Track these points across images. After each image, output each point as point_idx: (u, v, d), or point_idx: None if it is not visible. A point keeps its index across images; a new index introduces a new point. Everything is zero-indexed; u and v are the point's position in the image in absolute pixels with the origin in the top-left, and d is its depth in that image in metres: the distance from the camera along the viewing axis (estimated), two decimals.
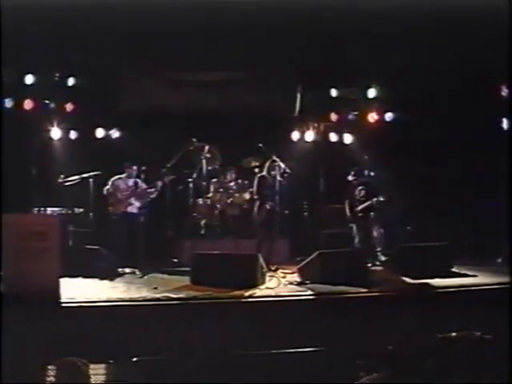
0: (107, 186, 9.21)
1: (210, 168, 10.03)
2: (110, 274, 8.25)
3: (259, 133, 9.97)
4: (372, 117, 11.26)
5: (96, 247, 8.53)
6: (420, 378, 3.92)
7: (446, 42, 8.32)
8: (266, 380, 4.87)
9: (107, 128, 10.77)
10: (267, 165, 9.23)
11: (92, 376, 4.69)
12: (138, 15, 7.18)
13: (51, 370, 4.73)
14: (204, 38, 8.36)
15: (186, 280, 7.95)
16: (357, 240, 9.80)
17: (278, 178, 9.02)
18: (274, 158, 9.14)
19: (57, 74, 10.18)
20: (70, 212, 9.55)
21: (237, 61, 9.70)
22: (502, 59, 7.69)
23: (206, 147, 9.91)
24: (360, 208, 9.91)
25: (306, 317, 6.73)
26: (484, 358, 3.92)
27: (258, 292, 7.41)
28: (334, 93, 11.15)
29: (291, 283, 8.02)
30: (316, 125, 11.33)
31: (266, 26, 7.82)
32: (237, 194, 10.03)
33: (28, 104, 10.11)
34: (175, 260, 9.57)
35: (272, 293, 7.46)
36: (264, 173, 9.31)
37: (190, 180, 10.06)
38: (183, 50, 8.94)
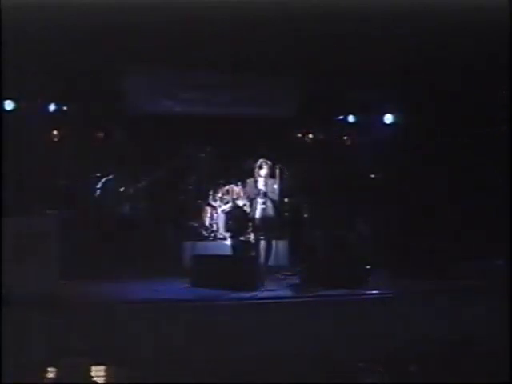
0: (99, 187, 9.23)
1: (210, 170, 10.03)
2: (110, 276, 8.25)
3: (260, 134, 9.97)
4: (372, 118, 11.26)
5: (96, 249, 8.53)
6: (419, 380, 3.93)
7: (445, 43, 8.31)
8: (265, 381, 4.88)
9: (107, 130, 10.77)
10: (258, 164, 9.21)
11: (93, 377, 4.72)
12: (139, 16, 7.17)
13: (56, 370, 4.75)
14: (205, 39, 8.35)
15: (185, 282, 7.95)
16: (356, 241, 9.77)
17: (278, 179, 9.01)
18: (273, 160, 9.13)
19: (57, 76, 10.17)
20: (69, 214, 9.54)
21: (238, 62, 9.68)
22: (502, 59, 7.69)
23: (207, 149, 9.92)
24: (359, 210, 9.90)
25: (305, 318, 6.73)
26: (483, 359, 3.93)
27: (257, 294, 7.41)
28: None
29: (291, 285, 8.01)
30: (317, 126, 11.33)
31: (266, 28, 7.82)
32: (237, 196, 10.03)
33: (28, 105, 10.10)
34: (175, 262, 9.55)
35: (272, 295, 7.46)
36: (261, 174, 9.30)
37: (190, 182, 10.06)
38: (183, 51, 8.93)
